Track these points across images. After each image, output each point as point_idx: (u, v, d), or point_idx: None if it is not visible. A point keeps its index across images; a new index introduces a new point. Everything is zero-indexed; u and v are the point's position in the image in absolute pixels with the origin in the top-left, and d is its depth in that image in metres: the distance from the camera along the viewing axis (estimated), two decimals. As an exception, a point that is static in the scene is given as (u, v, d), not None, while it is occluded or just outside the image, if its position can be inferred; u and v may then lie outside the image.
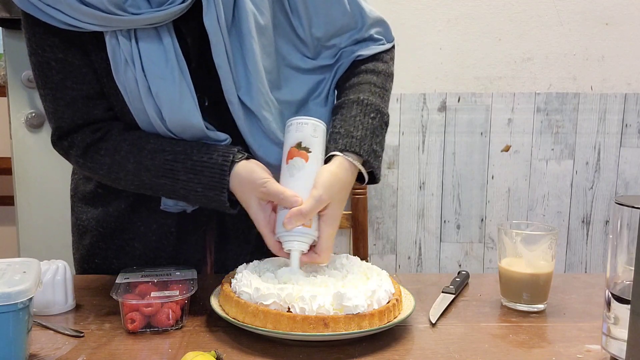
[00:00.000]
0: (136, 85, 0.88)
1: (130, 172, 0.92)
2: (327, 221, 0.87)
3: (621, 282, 0.71)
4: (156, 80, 0.87)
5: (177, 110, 0.89)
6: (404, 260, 1.91)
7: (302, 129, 0.90)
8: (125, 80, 0.88)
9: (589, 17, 1.83)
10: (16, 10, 1.76)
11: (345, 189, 0.91)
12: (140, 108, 0.90)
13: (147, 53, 0.87)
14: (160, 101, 0.88)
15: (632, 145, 1.89)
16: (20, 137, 1.91)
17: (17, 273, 0.69)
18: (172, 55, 0.87)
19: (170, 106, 0.89)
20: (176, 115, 0.89)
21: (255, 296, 0.78)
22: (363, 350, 0.76)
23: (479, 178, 1.87)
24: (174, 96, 0.88)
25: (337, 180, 0.88)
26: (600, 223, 1.93)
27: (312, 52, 1.01)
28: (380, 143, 0.98)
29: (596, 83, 1.86)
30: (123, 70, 0.87)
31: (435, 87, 1.84)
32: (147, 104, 0.89)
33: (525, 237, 0.91)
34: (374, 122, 0.97)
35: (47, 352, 0.75)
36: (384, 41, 1.06)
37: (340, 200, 0.89)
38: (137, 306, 0.80)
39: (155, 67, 0.87)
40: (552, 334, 0.83)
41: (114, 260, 1.06)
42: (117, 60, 0.87)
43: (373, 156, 0.95)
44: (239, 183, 0.89)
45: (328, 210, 0.87)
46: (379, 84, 1.01)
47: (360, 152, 0.93)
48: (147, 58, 0.87)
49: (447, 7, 1.80)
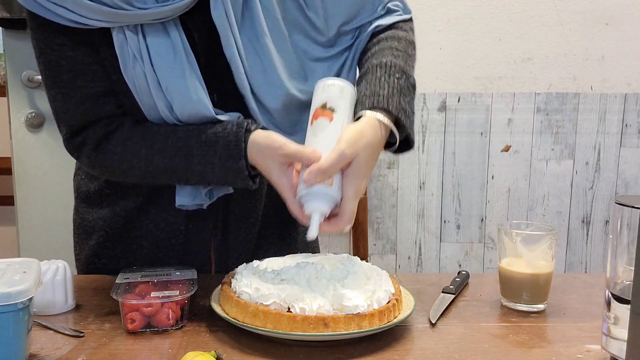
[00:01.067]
0: (145, 80, 0.87)
1: (142, 157, 0.91)
2: (350, 180, 0.82)
3: (621, 282, 0.71)
4: (165, 73, 0.87)
5: (187, 102, 0.89)
6: (404, 260, 1.91)
7: (329, 90, 0.87)
8: (134, 75, 0.88)
9: (589, 17, 1.83)
10: (16, 10, 1.77)
11: (373, 147, 0.85)
12: (150, 104, 0.90)
13: (155, 47, 0.87)
14: (171, 95, 0.88)
15: (632, 145, 1.89)
16: (20, 137, 1.91)
17: (17, 273, 0.69)
18: (179, 48, 0.87)
19: (180, 99, 0.88)
20: (187, 107, 0.89)
21: (255, 296, 0.78)
22: (363, 350, 0.76)
23: (479, 178, 1.87)
24: (183, 89, 0.88)
25: (363, 136, 0.84)
26: (600, 223, 1.93)
27: (332, 41, 1.00)
28: (410, 103, 0.94)
29: (596, 83, 1.86)
30: (132, 66, 0.87)
31: (435, 87, 1.84)
32: (158, 99, 0.89)
33: (525, 237, 0.91)
34: (399, 81, 0.93)
35: (47, 352, 0.75)
36: (401, 12, 1.05)
37: (366, 158, 0.83)
38: (137, 306, 0.80)
39: (163, 61, 0.87)
40: (552, 334, 0.83)
41: (121, 260, 1.06)
42: (125, 56, 0.87)
43: (403, 114, 0.91)
44: (257, 151, 0.86)
45: (352, 168, 0.82)
46: (400, 49, 0.98)
47: (389, 109, 0.88)
48: (155, 52, 0.87)
49: (447, 7, 1.80)
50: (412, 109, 0.95)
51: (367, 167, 0.85)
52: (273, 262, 0.91)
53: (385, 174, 1.85)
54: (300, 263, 0.86)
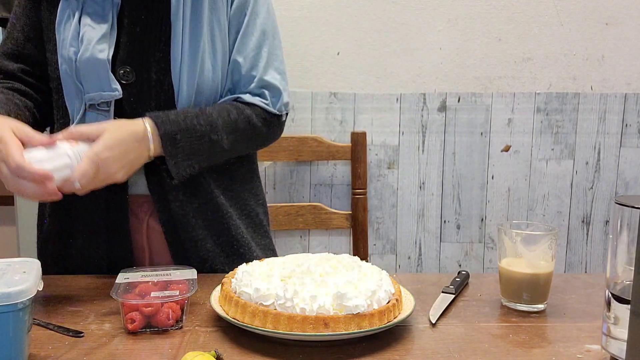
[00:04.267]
0: (69, 34, 1.02)
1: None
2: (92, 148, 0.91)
3: (621, 282, 0.71)
4: (87, 27, 1.02)
5: (92, 48, 1.01)
6: (404, 260, 1.91)
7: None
8: (64, 31, 1.03)
9: (589, 17, 1.83)
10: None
11: (121, 130, 0.95)
12: (64, 56, 1.03)
13: (88, 8, 1.03)
14: (82, 39, 1.02)
15: (632, 145, 1.89)
16: (20, 137, 1.91)
17: (17, 273, 0.69)
18: (108, 9, 1.02)
19: (87, 46, 1.01)
20: (89, 53, 1.01)
21: (255, 296, 0.78)
22: (363, 350, 0.76)
23: (479, 178, 1.87)
24: (94, 35, 1.01)
25: (115, 122, 0.97)
26: (600, 223, 1.93)
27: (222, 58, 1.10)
28: (191, 143, 1.01)
29: (596, 83, 1.86)
30: (64, 22, 1.03)
31: (435, 87, 1.84)
32: (69, 50, 1.02)
33: (525, 237, 0.91)
34: (199, 126, 1.02)
35: (47, 352, 0.75)
36: (269, 104, 1.12)
37: (111, 138, 0.92)
38: (137, 306, 0.80)
39: (91, 18, 1.02)
40: (552, 334, 0.83)
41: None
42: (62, 14, 1.03)
43: (169, 139, 0.98)
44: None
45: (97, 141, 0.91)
46: (233, 118, 1.06)
47: (157, 122, 0.98)
48: (86, 13, 1.02)
49: (447, 7, 1.80)
50: (192, 150, 1.02)
51: (108, 149, 0.91)
52: (273, 262, 0.91)
53: (385, 174, 1.85)
54: (300, 263, 0.86)
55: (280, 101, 1.13)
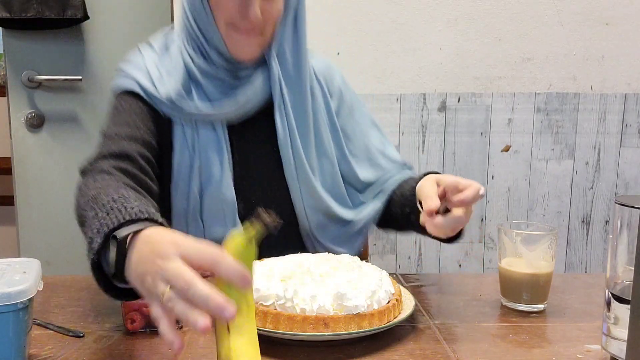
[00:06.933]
0: (189, 166, 1.04)
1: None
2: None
3: (621, 282, 0.71)
4: (208, 163, 1.04)
5: (217, 185, 1.04)
6: (404, 260, 1.91)
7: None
8: (180, 160, 1.04)
9: (589, 17, 1.83)
10: (16, 10, 1.77)
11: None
12: (183, 189, 1.04)
13: (204, 139, 1.04)
14: (202, 177, 1.04)
15: (632, 145, 1.89)
16: (20, 137, 1.91)
17: (17, 273, 0.69)
18: (222, 143, 1.04)
19: (209, 181, 1.04)
20: (214, 189, 1.04)
21: (256, 296, 0.78)
22: (363, 350, 0.76)
23: (479, 178, 1.87)
24: (215, 172, 1.04)
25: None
26: (600, 223, 1.93)
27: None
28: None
29: (596, 83, 1.86)
30: (180, 152, 1.04)
31: (435, 87, 1.84)
32: (192, 182, 1.04)
33: (525, 237, 0.91)
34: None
35: (47, 352, 0.75)
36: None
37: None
38: (137, 306, 0.80)
39: (208, 152, 1.05)
40: (552, 334, 0.83)
41: None
42: (178, 144, 1.03)
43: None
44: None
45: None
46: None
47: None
48: (203, 143, 1.04)
49: (447, 7, 1.80)
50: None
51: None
52: (273, 262, 0.91)
53: (385, 174, 1.85)
54: (300, 263, 0.86)
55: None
